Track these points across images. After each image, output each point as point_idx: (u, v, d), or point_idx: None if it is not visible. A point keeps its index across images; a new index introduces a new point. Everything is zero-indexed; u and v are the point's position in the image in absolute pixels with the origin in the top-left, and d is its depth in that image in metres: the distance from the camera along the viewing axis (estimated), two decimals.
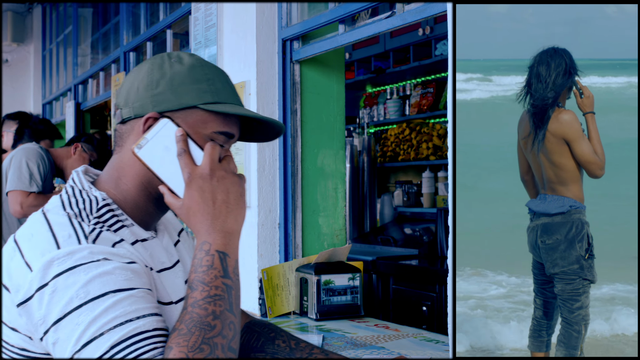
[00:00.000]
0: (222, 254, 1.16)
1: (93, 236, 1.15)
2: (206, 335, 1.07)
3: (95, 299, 1.08)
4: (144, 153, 1.23)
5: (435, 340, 2.26)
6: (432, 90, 5.46)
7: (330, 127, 3.04)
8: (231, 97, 1.28)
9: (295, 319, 2.69)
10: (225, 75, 1.31)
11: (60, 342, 1.08)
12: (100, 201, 1.22)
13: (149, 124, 1.24)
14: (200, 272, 1.14)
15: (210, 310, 1.10)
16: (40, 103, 8.16)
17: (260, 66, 2.94)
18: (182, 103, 1.24)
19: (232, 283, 1.15)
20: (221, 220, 1.18)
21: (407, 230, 4.84)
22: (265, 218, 2.91)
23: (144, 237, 1.26)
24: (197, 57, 1.30)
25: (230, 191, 1.20)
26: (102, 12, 6.25)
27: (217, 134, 1.25)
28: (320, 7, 2.86)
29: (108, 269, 1.11)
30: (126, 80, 1.30)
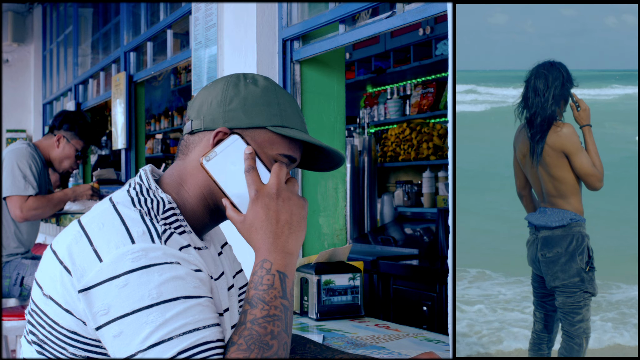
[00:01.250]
0: (282, 274, 1.19)
1: (165, 236, 1.17)
2: (264, 354, 1.11)
3: (167, 302, 1.10)
4: (211, 165, 1.26)
5: (436, 340, 2.26)
6: (432, 90, 5.46)
7: (330, 127, 3.04)
8: (299, 124, 1.32)
9: (296, 318, 2.69)
10: (296, 103, 1.35)
11: (124, 336, 1.10)
12: (166, 204, 1.25)
13: (219, 137, 1.27)
14: (260, 290, 1.17)
15: (269, 329, 1.13)
16: (41, 103, 8.16)
17: (261, 66, 2.94)
18: (253, 122, 1.28)
19: (289, 304, 1.19)
20: (283, 240, 1.21)
21: (407, 230, 4.84)
22: None
23: (199, 246, 1.29)
24: (271, 81, 1.34)
25: (294, 212, 1.23)
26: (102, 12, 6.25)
27: (281, 156, 1.29)
28: (321, 7, 2.86)
29: (181, 274, 1.13)
30: (200, 94, 1.34)
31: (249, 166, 1.25)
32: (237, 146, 1.26)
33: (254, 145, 1.27)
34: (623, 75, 16.46)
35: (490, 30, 12.65)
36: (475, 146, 8.12)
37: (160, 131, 8.75)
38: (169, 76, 8.38)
